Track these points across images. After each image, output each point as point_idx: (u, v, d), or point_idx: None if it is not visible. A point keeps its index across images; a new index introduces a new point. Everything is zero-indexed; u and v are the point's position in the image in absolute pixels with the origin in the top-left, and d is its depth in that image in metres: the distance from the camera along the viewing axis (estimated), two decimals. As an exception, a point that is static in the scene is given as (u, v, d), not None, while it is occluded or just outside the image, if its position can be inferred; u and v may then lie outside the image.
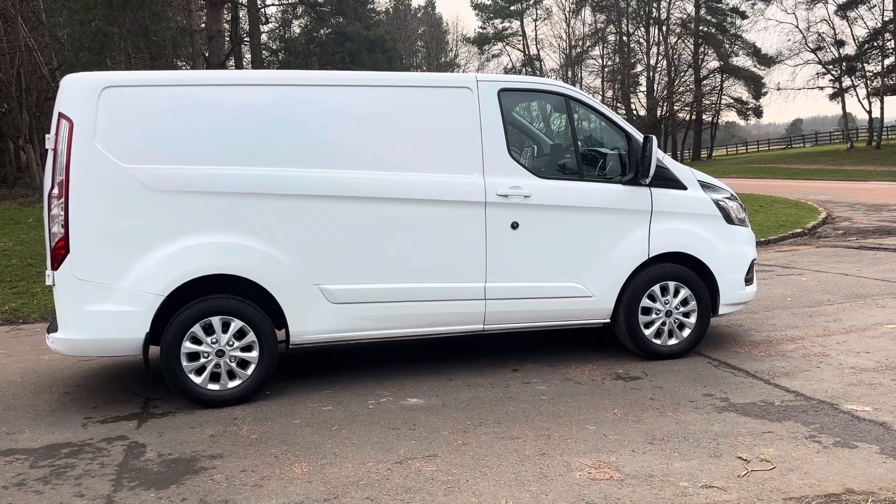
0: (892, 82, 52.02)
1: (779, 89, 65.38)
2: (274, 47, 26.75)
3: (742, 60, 65.39)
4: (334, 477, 4.10)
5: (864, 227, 15.08)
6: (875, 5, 51.61)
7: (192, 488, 4.01)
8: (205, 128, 5.27)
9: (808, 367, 5.84)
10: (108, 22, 20.77)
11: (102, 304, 5.11)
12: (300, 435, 4.75)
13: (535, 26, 74.74)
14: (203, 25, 23.78)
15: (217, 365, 5.30)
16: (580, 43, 69.20)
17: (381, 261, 5.54)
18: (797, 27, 68.18)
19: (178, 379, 5.23)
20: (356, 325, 5.56)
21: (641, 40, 67.71)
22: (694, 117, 66.95)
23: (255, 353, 5.36)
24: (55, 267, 5.10)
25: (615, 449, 4.38)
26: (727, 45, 64.10)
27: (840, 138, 65.11)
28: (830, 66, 55.40)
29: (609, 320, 6.11)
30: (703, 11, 65.02)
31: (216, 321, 5.27)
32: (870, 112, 53.98)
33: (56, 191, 5.06)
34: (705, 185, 6.32)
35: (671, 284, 6.14)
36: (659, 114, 64.46)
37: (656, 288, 6.11)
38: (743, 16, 63.61)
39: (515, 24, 71.35)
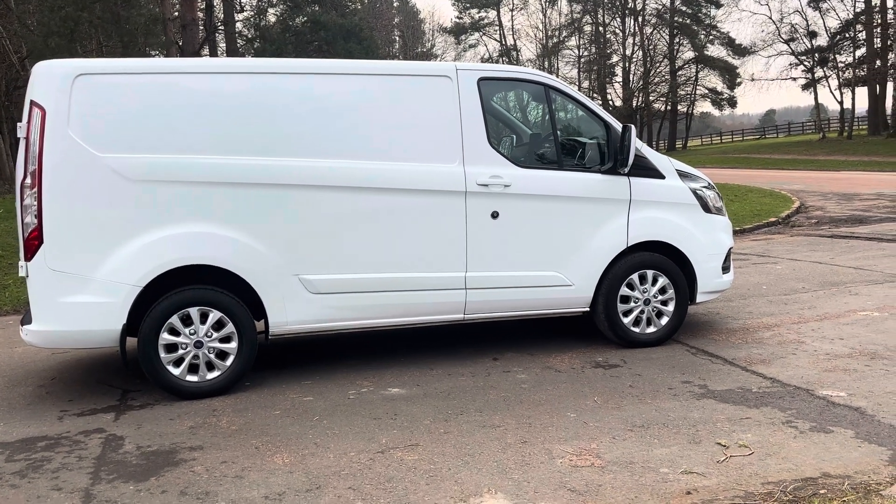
0: (863, 73, 52.58)
1: (753, 80, 65.89)
2: (249, 36, 26.46)
3: (717, 51, 65.89)
4: (316, 467, 4.08)
5: (836, 216, 15.26)
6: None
7: (172, 480, 3.97)
8: (181, 116, 5.21)
9: (784, 354, 5.90)
10: (79, 8, 20.41)
11: (78, 296, 5.04)
12: (280, 426, 4.73)
13: (512, 16, 74.80)
14: (176, 14, 23.48)
15: (195, 356, 5.26)
16: (557, 33, 69.30)
17: (360, 250, 5.52)
18: (771, 18, 68.85)
19: (156, 371, 5.18)
20: (336, 315, 5.54)
21: (617, 31, 67.94)
22: (669, 107, 67.34)
23: (233, 344, 5.32)
24: (28, 258, 5.02)
25: (596, 436, 4.40)
26: (702, 36, 64.49)
27: (812, 129, 65.88)
28: (803, 57, 55.99)
29: (588, 309, 6.13)
30: (678, 2, 65.33)
31: (194, 312, 5.22)
32: (841, 103, 54.58)
33: (28, 180, 4.98)
34: (683, 175, 6.36)
35: (649, 273, 6.17)
36: (634, 104, 64.78)
37: (635, 276, 6.14)
38: (717, 5, 64.02)
39: (492, 14, 71.25)
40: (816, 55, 55.01)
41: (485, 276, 5.76)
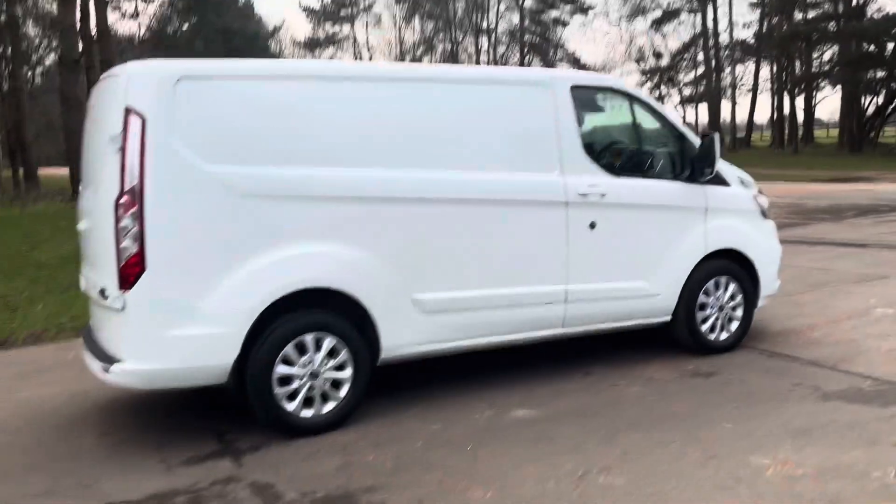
0: (702, 90, 56.59)
1: (605, 97, 69.14)
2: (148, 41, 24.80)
3: (566, 68, 68.70)
4: (525, 497, 3.77)
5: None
6: (683, 21, 56.07)
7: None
8: (289, 125, 4.73)
9: (855, 353, 6.09)
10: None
11: (186, 328, 4.44)
12: (438, 457, 4.36)
13: (367, 32, 74.51)
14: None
15: (311, 388, 4.76)
16: (411, 50, 69.93)
17: (469, 266, 5.22)
18: (621, 39, 72.57)
19: (270, 407, 4.65)
20: (446, 335, 5.20)
21: (471, 48, 69.48)
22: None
23: (348, 373, 4.86)
24: (126, 287, 4.36)
25: (774, 444, 4.34)
26: (552, 54, 67.12)
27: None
28: (649, 75, 59.47)
29: (670, 318, 6.10)
30: (527, 22, 67.72)
31: (309, 339, 4.74)
32: (684, 118, 58.42)
33: (126, 198, 4.33)
34: (741, 181, 6.48)
35: (723, 279, 6.23)
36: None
37: (710, 283, 6.18)
38: (564, 24, 67.00)
39: (347, 28, 71.02)
40: (661, 74, 58.64)
41: (582, 288, 5.61)
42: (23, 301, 9.35)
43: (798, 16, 48.87)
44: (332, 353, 4.81)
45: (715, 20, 54.13)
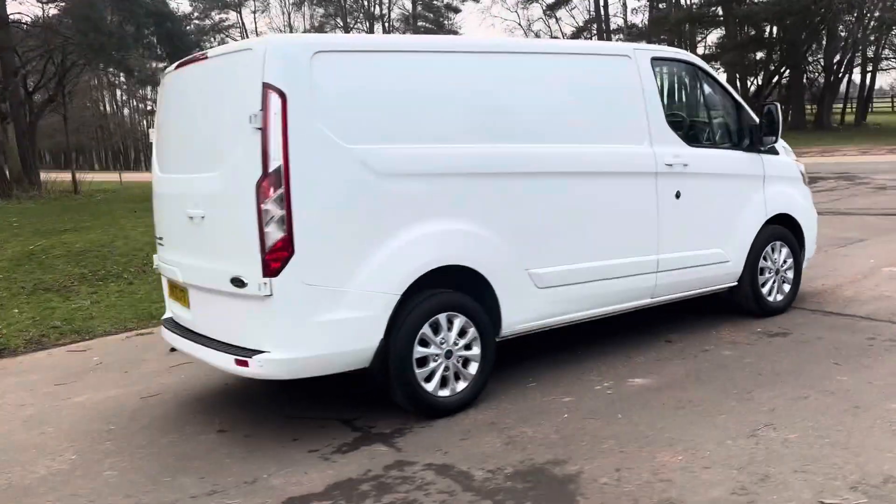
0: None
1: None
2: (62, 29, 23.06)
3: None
4: (717, 460, 3.85)
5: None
6: (576, 6, 57.49)
7: (594, 494, 3.56)
8: (419, 101, 4.62)
9: (897, 307, 6.49)
10: None
11: (334, 312, 4.28)
12: (597, 427, 4.37)
13: (255, 18, 72.50)
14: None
15: (446, 368, 4.68)
16: (303, 37, 68.64)
17: (577, 239, 5.25)
18: (519, 24, 73.42)
19: (413, 389, 4.55)
20: (556, 310, 5.22)
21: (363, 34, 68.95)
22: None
23: (476, 351, 4.81)
24: (273, 273, 4.16)
25: (904, 396, 4.58)
26: (449, 40, 67.33)
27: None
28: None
29: (736, 283, 6.31)
30: (420, 8, 67.67)
31: (443, 319, 4.66)
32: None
33: (270, 181, 4.12)
34: (784, 149, 6.77)
35: (778, 244, 6.50)
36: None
37: (768, 248, 6.43)
38: (456, 11, 67.38)
39: (234, 15, 69.08)
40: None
41: (670, 257, 5.73)
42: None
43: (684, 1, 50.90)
44: (461, 333, 4.74)
45: (606, 5, 55.68)
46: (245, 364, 4.28)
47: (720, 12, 45.37)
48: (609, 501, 3.51)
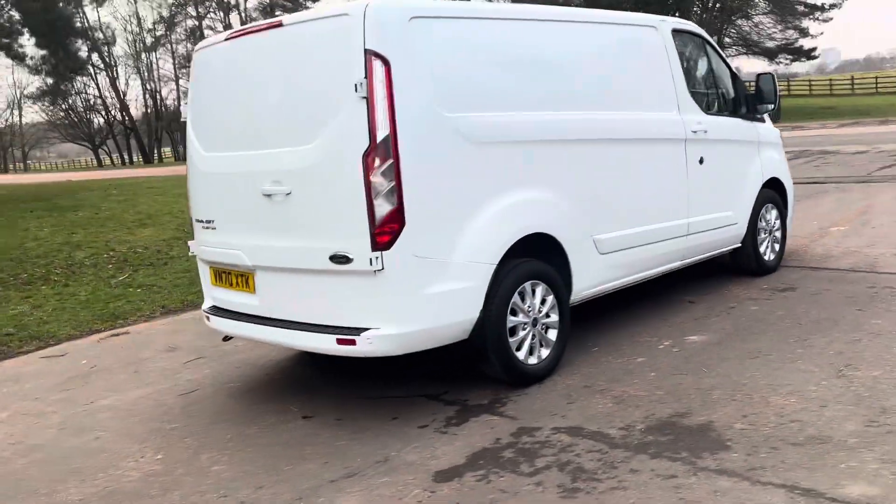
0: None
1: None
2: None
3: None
4: (826, 399, 4.11)
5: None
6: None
7: (740, 438, 3.72)
8: (503, 68, 4.62)
9: (871, 260, 7.02)
10: None
11: (442, 284, 4.22)
12: (695, 382, 4.53)
13: (98, 12, 68.17)
14: None
15: (532, 336, 4.71)
16: (154, 28, 65.73)
17: (630, 205, 5.41)
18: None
19: (508, 357, 4.55)
20: (612, 275, 5.35)
21: (218, 25, 66.59)
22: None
23: (555, 318, 4.86)
24: (384, 246, 4.03)
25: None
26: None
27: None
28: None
29: (740, 244, 6.67)
30: (279, -4, 66.13)
31: (528, 287, 4.68)
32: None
33: (378, 151, 4.00)
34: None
35: (769, 206, 6.92)
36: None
37: (763, 210, 6.84)
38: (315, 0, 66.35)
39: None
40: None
41: (698, 220, 6.00)
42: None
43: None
44: (542, 301, 4.78)
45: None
46: (351, 343, 4.14)
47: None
48: (759, 443, 3.66)
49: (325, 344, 4.26)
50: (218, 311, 5.05)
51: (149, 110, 66.63)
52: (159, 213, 13.93)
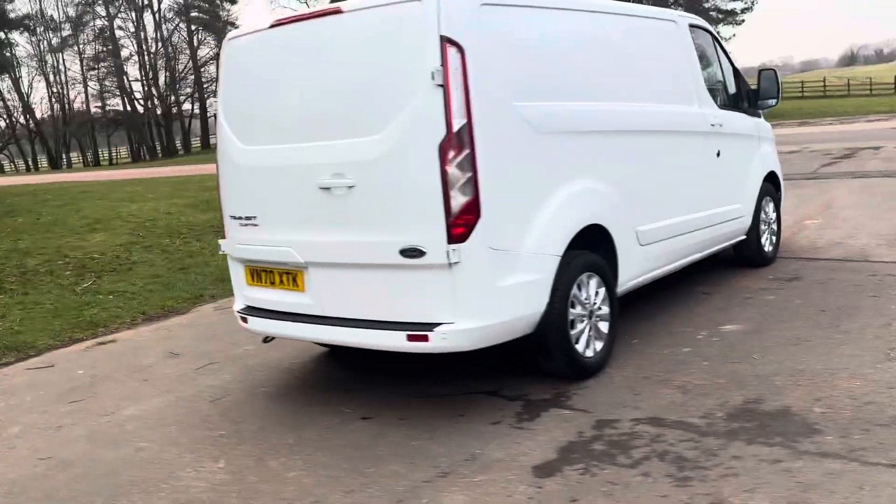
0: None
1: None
2: None
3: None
4: (890, 380, 4.21)
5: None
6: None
7: (825, 421, 3.78)
8: (563, 57, 4.59)
9: (858, 250, 7.31)
10: None
11: (515, 276, 4.14)
12: (749, 369, 4.58)
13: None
14: None
15: (589, 328, 4.68)
16: (61, 28, 63.16)
17: (665, 197, 5.45)
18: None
19: (569, 351, 4.49)
20: (648, 266, 5.37)
21: (130, 26, 64.47)
22: (198, 106, 66.27)
23: (606, 310, 4.84)
24: (461, 238, 3.92)
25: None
26: (228, 31, 64.64)
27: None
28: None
29: (745, 236, 6.81)
30: (193, -2, 64.39)
31: (584, 279, 4.64)
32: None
33: (455, 141, 3.89)
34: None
35: (767, 199, 7.10)
36: (167, 104, 62.59)
37: (763, 203, 7.01)
38: (233, 2, 64.96)
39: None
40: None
41: (715, 212, 6.09)
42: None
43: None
44: (595, 293, 4.76)
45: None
46: (423, 339, 4.00)
47: None
48: (848, 426, 3.71)
49: (393, 341, 4.11)
50: (254, 311, 4.82)
51: (55, 114, 63.95)
52: (107, 217, 13.28)
